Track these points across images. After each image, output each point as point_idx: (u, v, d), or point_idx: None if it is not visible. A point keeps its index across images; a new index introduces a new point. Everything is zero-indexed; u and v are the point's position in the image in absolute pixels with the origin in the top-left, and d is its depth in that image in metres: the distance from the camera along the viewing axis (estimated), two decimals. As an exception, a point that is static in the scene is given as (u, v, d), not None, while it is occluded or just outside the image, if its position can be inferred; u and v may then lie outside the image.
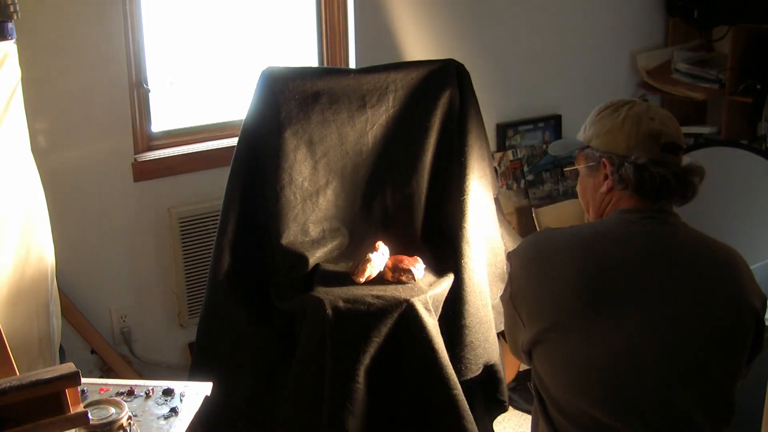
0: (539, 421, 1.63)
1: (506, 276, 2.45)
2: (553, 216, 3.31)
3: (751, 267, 2.60)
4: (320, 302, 2.12)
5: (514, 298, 1.65)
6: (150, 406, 1.66)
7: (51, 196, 2.14)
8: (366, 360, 2.10)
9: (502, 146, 3.39)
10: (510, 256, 1.71)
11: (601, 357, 1.49)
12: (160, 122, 2.75)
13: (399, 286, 2.22)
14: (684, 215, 1.67)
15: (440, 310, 2.25)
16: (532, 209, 3.21)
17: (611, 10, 3.56)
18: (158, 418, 1.62)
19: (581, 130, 1.73)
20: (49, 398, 1.32)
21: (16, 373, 1.45)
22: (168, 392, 1.70)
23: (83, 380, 1.37)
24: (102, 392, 1.70)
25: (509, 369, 2.86)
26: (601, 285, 1.52)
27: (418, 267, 2.26)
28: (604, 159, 1.64)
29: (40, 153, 2.20)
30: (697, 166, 1.64)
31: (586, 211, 1.78)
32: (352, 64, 3.00)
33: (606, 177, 1.64)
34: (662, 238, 1.58)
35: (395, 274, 2.24)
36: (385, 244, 2.30)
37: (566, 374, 1.53)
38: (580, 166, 1.73)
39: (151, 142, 2.73)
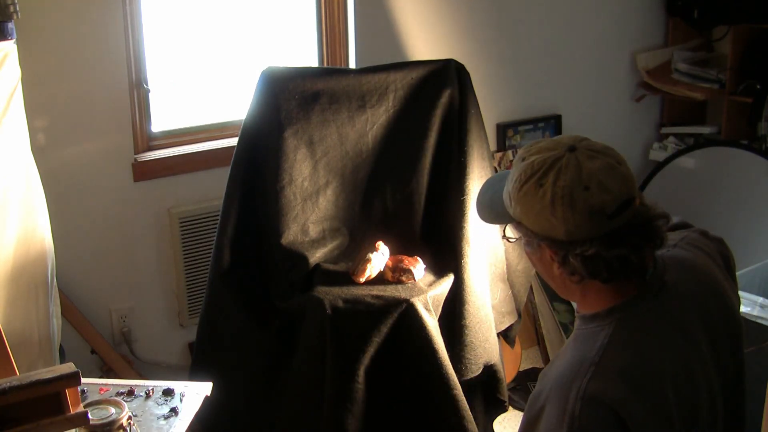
0: None
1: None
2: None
3: (751, 267, 2.61)
4: (320, 302, 2.12)
5: None
6: (150, 406, 1.66)
7: (51, 195, 2.14)
8: (366, 360, 2.11)
9: (502, 146, 3.39)
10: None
11: None
12: (160, 122, 2.75)
13: (399, 286, 2.22)
14: (684, 215, 1.65)
15: (440, 310, 2.25)
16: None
17: (611, 9, 3.55)
18: (158, 418, 1.62)
19: (506, 193, 1.33)
20: (49, 398, 1.32)
21: (16, 373, 1.45)
22: (168, 392, 1.70)
23: (83, 380, 1.37)
24: (102, 392, 1.71)
25: (509, 369, 2.86)
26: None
27: (418, 267, 2.26)
28: (543, 244, 1.30)
29: (40, 153, 2.20)
30: (659, 211, 1.30)
31: (548, 282, 1.42)
32: (352, 64, 3.00)
33: (552, 259, 1.31)
34: (689, 317, 1.32)
35: (395, 274, 2.24)
36: (385, 244, 2.30)
37: None
38: (519, 238, 1.38)
39: (151, 142, 2.73)
